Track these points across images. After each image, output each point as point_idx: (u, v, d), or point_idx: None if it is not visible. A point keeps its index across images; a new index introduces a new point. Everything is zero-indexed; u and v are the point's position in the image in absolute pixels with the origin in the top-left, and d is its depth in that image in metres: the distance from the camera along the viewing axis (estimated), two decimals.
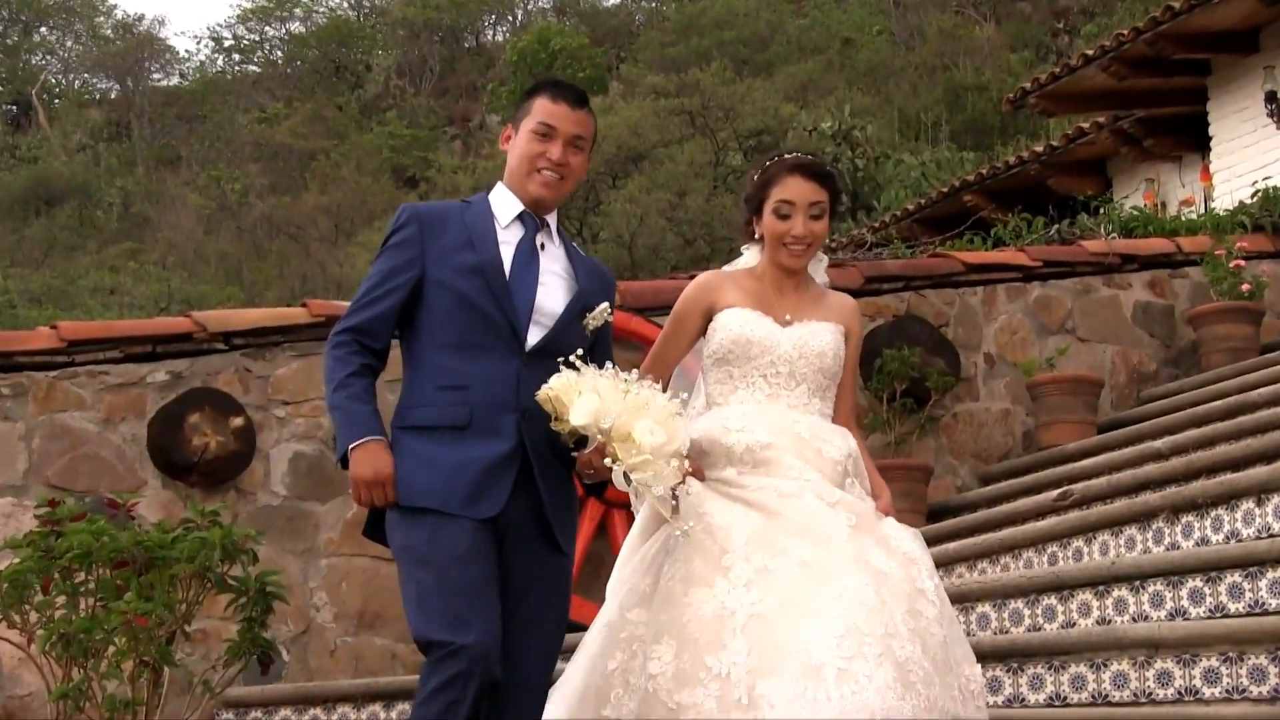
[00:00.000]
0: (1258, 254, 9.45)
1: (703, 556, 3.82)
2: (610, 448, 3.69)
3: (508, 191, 4.04)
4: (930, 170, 19.77)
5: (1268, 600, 5.20)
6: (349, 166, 25.32)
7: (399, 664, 7.34)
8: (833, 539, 3.79)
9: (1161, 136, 14.12)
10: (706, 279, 4.18)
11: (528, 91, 4.15)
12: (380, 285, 3.92)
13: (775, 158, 4.15)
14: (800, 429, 4.00)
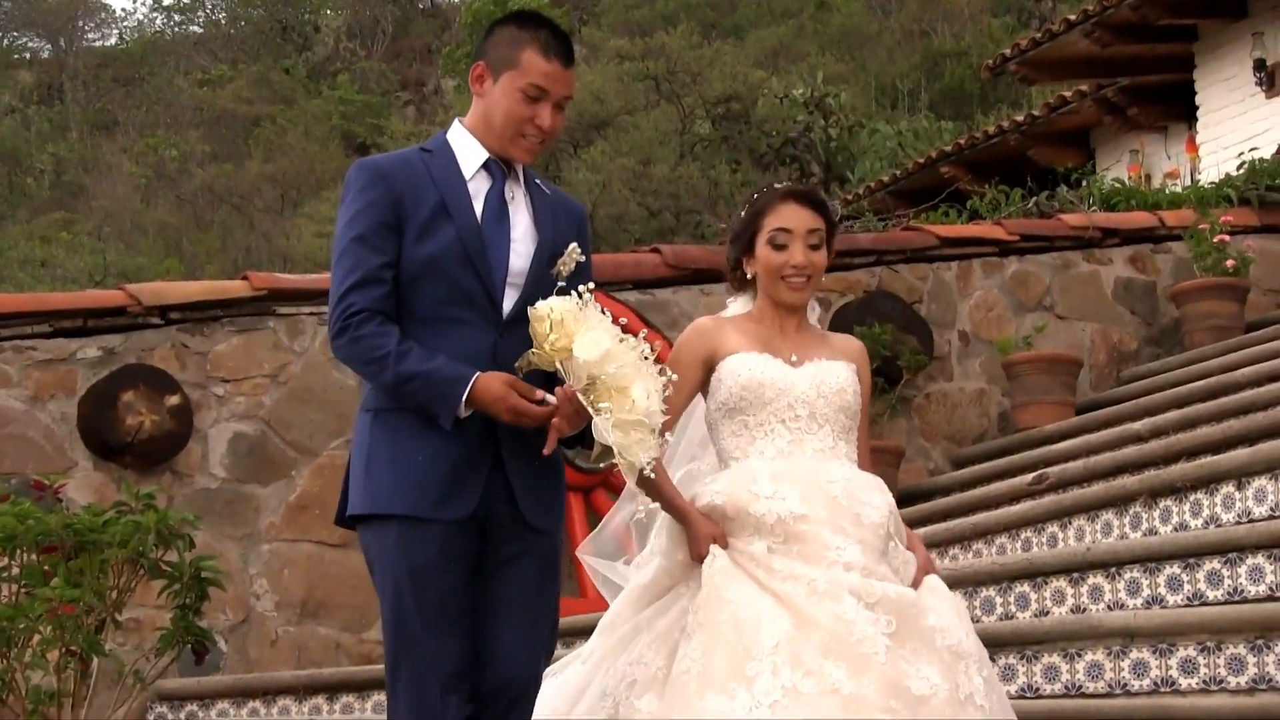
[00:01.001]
0: (1243, 229, 9.50)
1: (725, 653, 3.61)
2: (597, 395, 3.53)
3: (470, 137, 3.81)
4: (907, 140, 19.79)
5: (1247, 588, 5.26)
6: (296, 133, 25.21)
7: (343, 655, 7.35)
8: (869, 661, 3.57)
9: (1147, 106, 14.18)
10: (703, 326, 4.03)
11: (504, 23, 3.85)
12: (367, 257, 3.65)
13: (764, 189, 4.03)
14: (835, 490, 3.81)
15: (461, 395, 3.53)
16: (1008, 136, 15.16)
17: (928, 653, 3.63)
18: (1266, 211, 9.79)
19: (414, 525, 3.58)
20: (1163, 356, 9.28)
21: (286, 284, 7.71)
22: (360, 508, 3.65)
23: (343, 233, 3.72)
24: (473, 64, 3.83)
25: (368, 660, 7.30)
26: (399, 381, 3.58)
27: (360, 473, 3.67)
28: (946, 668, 3.63)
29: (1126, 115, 14.26)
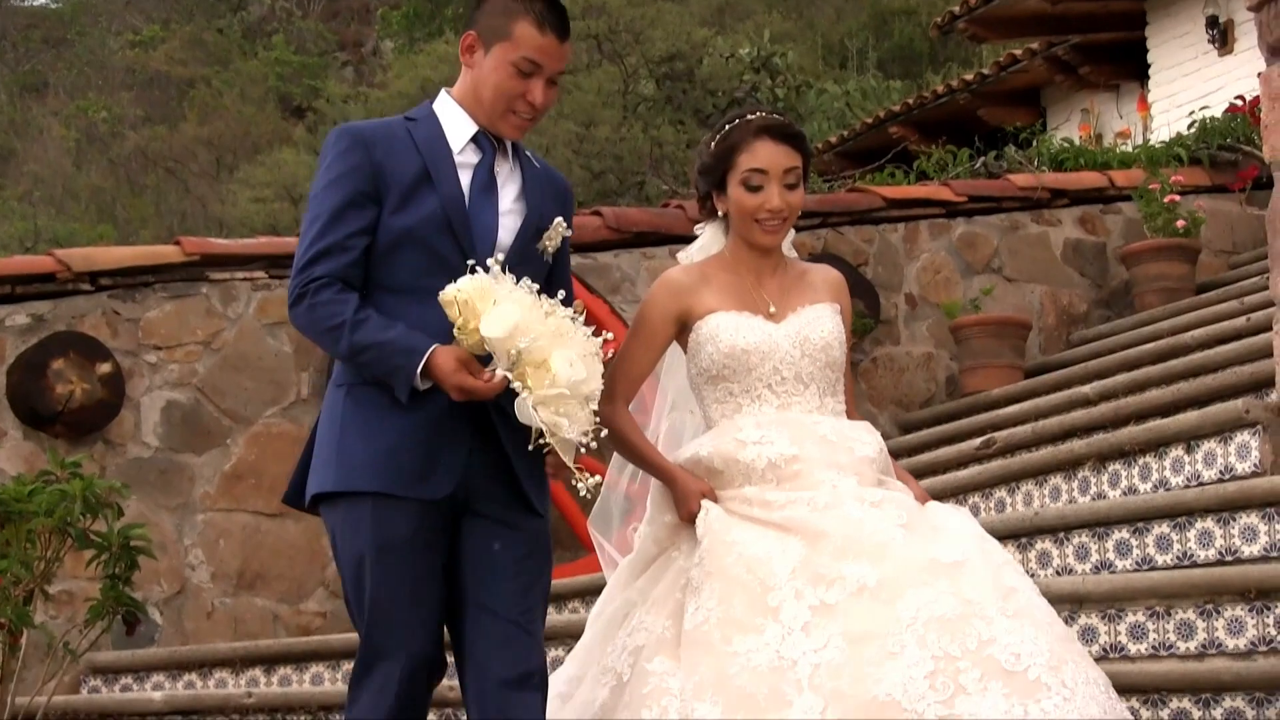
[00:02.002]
0: (1194, 188, 9.55)
1: (743, 595, 3.49)
2: (520, 372, 3.41)
3: (459, 110, 3.72)
4: (855, 100, 19.78)
5: (1196, 552, 5.30)
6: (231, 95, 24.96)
7: (281, 626, 7.34)
8: (888, 547, 3.48)
9: (1098, 64, 14.20)
10: (674, 280, 3.85)
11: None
12: (338, 222, 3.57)
13: (736, 120, 3.81)
14: (824, 430, 3.71)
15: (416, 367, 3.44)
16: (957, 96, 15.17)
17: (945, 535, 3.54)
18: (1218, 171, 9.85)
19: (387, 503, 3.50)
20: (1113, 319, 9.33)
21: (219, 249, 7.67)
22: (330, 485, 3.55)
23: (316, 198, 3.63)
24: (463, 32, 3.72)
25: (305, 632, 7.29)
26: (354, 351, 3.49)
27: (330, 449, 3.56)
28: (976, 545, 3.52)
29: (1078, 74, 14.28)
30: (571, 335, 3.47)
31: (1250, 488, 5.22)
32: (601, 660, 3.70)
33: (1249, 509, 5.18)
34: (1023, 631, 3.33)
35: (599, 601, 3.89)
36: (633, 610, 3.73)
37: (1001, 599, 3.39)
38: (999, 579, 3.44)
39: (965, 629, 3.32)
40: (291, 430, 7.53)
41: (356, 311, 3.50)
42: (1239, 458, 5.54)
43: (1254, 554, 5.16)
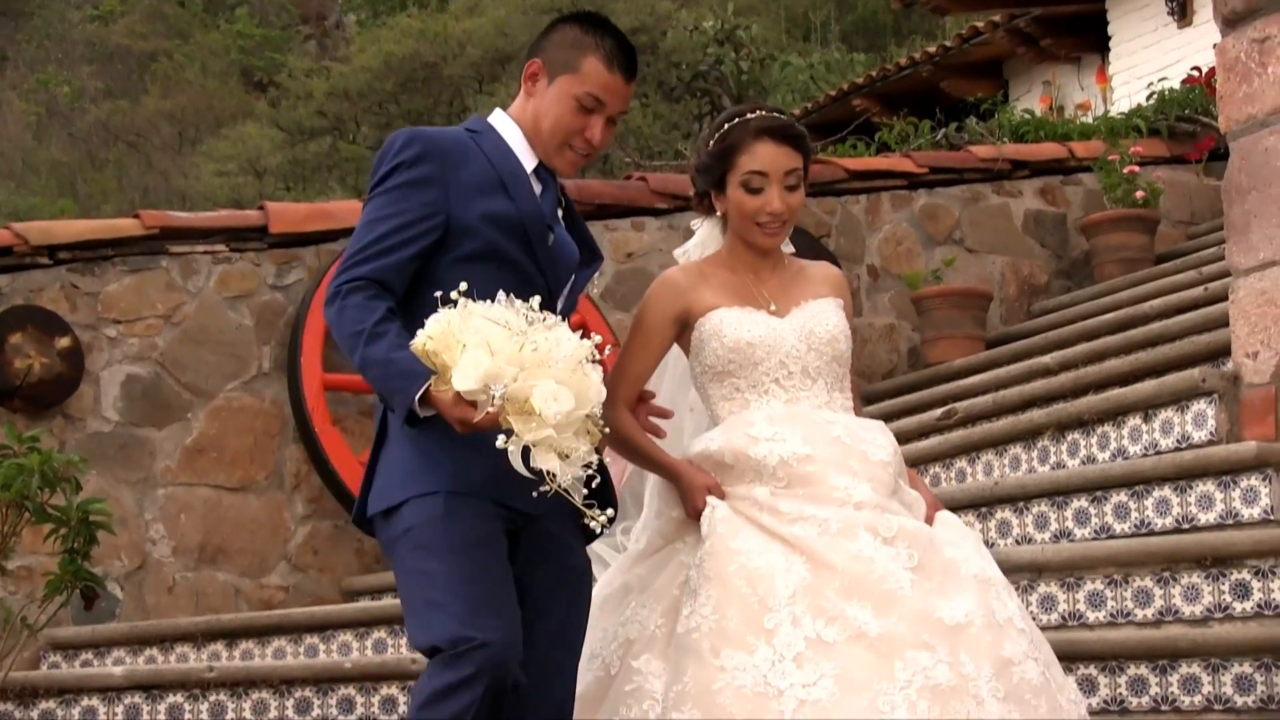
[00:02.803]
0: (1153, 159, 9.58)
1: (739, 608, 3.41)
2: (504, 418, 3.17)
3: (520, 134, 3.60)
4: (819, 73, 19.78)
5: (1154, 520, 5.33)
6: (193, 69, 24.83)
7: (243, 600, 7.33)
8: (895, 596, 3.39)
9: (1060, 36, 14.21)
10: (673, 280, 3.78)
11: (568, 22, 3.63)
12: (398, 232, 3.43)
13: (735, 119, 3.71)
14: (837, 430, 3.62)
15: (414, 393, 3.26)
16: (920, 68, 15.18)
17: (955, 583, 3.45)
18: (1176, 142, 9.88)
19: (456, 499, 3.36)
20: (1073, 289, 9.36)
21: (179, 222, 7.62)
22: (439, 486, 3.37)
23: (378, 201, 3.48)
24: (528, 59, 3.60)
25: (268, 606, 7.27)
26: (363, 364, 3.35)
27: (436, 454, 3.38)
28: (977, 594, 3.45)
29: (1039, 46, 14.29)
30: (552, 355, 3.20)
31: (1207, 456, 5.24)
32: (591, 644, 3.62)
33: (1205, 477, 5.21)
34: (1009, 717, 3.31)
35: (597, 586, 3.76)
36: (629, 595, 3.66)
37: (995, 675, 3.34)
38: (998, 648, 3.38)
39: (956, 704, 3.28)
40: (253, 404, 7.51)
41: (378, 323, 3.35)
42: (1196, 426, 5.56)
43: (1210, 521, 5.19)
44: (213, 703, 5.71)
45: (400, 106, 20.98)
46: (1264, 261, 5.14)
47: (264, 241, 7.66)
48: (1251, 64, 5.19)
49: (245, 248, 7.61)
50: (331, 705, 5.68)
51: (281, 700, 5.70)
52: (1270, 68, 5.12)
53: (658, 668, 3.48)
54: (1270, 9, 5.12)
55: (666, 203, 8.55)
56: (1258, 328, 5.15)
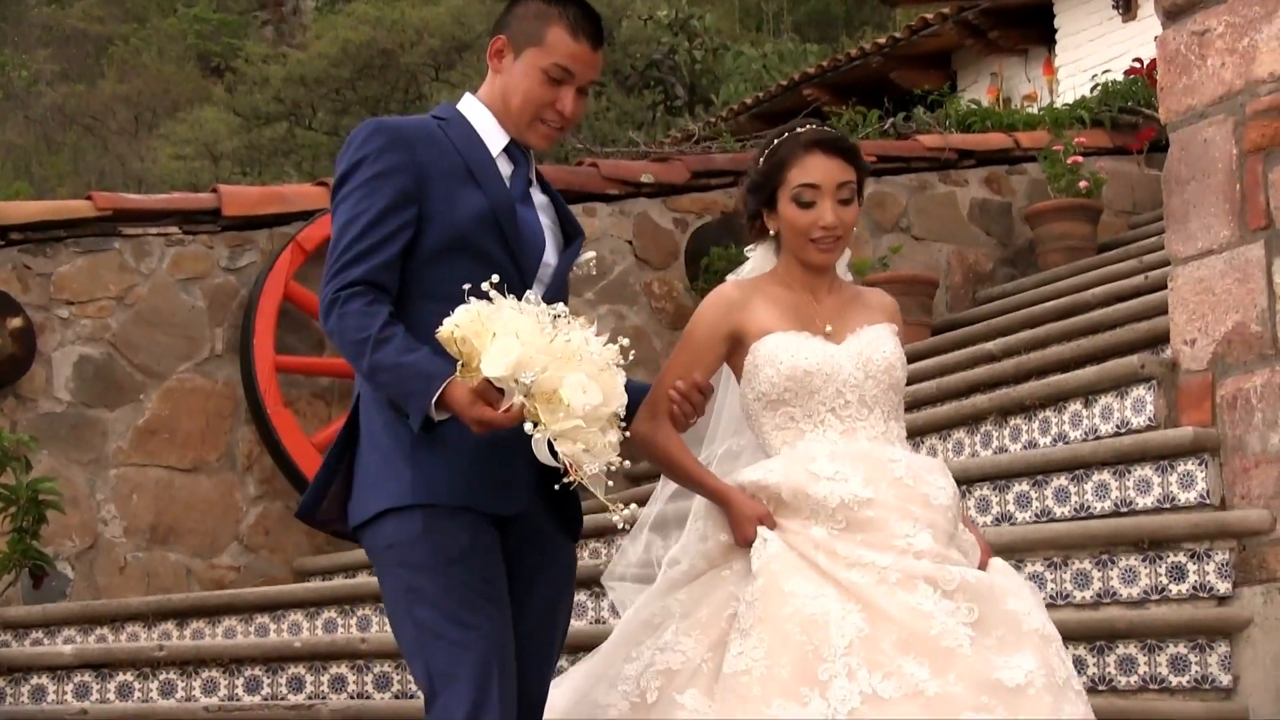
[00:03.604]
0: (1096, 150, 9.62)
1: (792, 655, 3.23)
2: (530, 408, 3.07)
3: (489, 115, 3.48)
4: (772, 63, 19.78)
5: (1093, 504, 5.35)
6: (150, 53, 24.65)
7: (194, 580, 7.29)
8: (953, 656, 3.22)
9: (1007, 29, 14.26)
10: (727, 294, 3.56)
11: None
12: (378, 225, 3.29)
13: (785, 135, 3.55)
14: (899, 471, 3.42)
15: (432, 395, 3.15)
16: (870, 59, 15.20)
17: (1015, 639, 3.28)
18: (1119, 133, 9.94)
19: (439, 512, 3.26)
20: (1017, 277, 9.40)
21: (132, 204, 7.58)
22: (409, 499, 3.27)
23: (351, 197, 3.34)
24: (492, 36, 3.48)
25: (219, 586, 7.24)
26: (372, 370, 3.22)
27: (401, 462, 3.28)
28: (1038, 653, 3.28)
29: (987, 38, 14.34)
30: (583, 351, 3.12)
31: (1145, 441, 5.27)
32: (620, 667, 3.47)
33: (1144, 462, 5.23)
34: None
35: (632, 610, 3.60)
36: (669, 620, 3.48)
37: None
38: (1058, 711, 3.22)
39: None
40: (205, 385, 7.47)
41: (383, 328, 3.23)
42: (1134, 412, 5.58)
43: (1148, 505, 5.21)
44: (162, 681, 5.67)
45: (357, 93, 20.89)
46: (1202, 250, 5.16)
47: (217, 224, 7.62)
48: (1191, 56, 5.21)
49: (198, 230, 7.57)
50: (281, 684, 5.65)
51: (231, 679, 5.67)
52: (1209, 60, 5.14)
53: (704, 704, 3.31)
54: (1210, 2, 5.14)
55: (617, 189, 8.54)
56: (1195, 315, 5.18)
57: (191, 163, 20.75)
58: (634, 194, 8.51)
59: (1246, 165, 5.02)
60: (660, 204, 8.66)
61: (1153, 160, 9.65)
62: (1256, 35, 4.98)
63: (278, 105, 20.79)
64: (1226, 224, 5.08)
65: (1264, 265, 4.95)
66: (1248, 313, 4.99)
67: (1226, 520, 4.92)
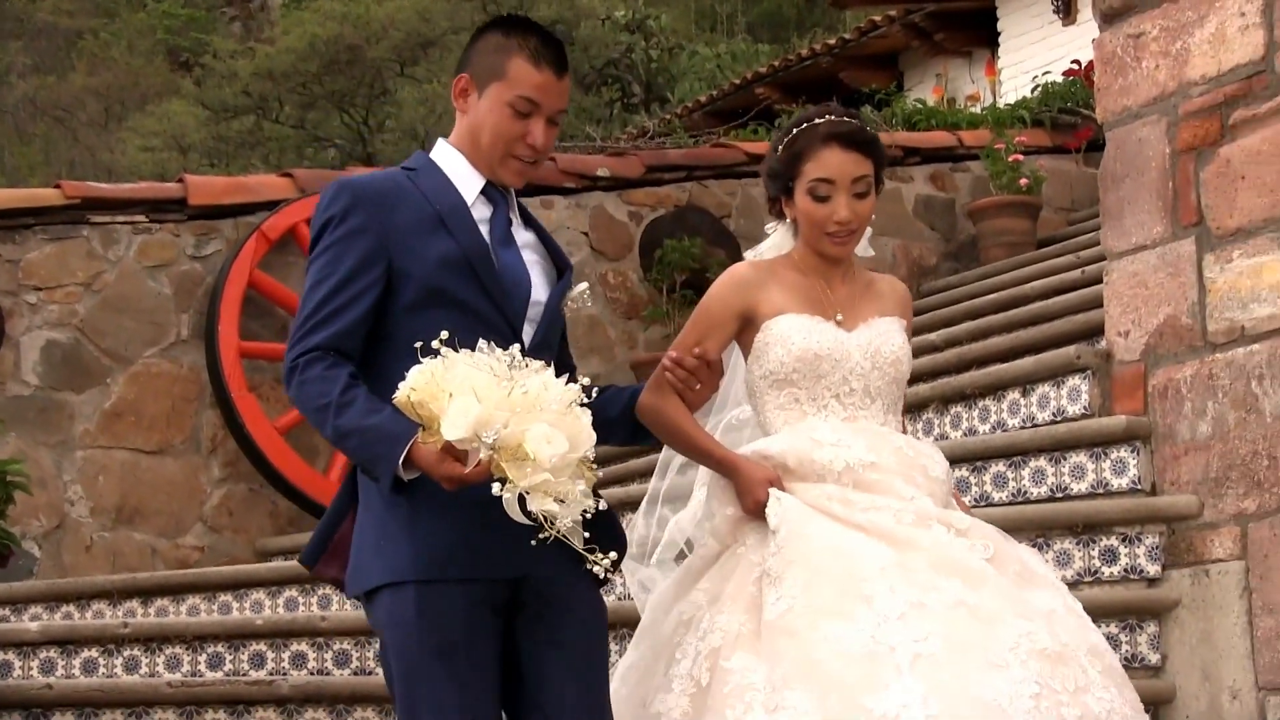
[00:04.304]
0: (1037, 149, 9.66)
1: (829, 581, 3.15)
2: (497, 466, 2.91)
3: (462, 159, 3.30)
4: (725, 62, 19.81)
5: (1030, 489, 5.38)
6: (119, 47, 24.49)
7: (159, 559, 7.26)
8: (984, 575, 3.19)
9: (953, 31, 14.31)
10: (742, 273, 3.49)
11: (489, 30, 3.34)
12: (341, 290, 3.14)
13: (804, 124, 3.43)
14: (899, 442, 3.41)
15: (397, 458, 2.98)
16: (820, 60, 15.22)
17: (1030, 578, 3.27)
18: (1058, 132, 9.98)
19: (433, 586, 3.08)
20: (960, 271, 9.43)
21: (99, 193, 7.54)
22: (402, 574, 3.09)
23: (317, 261, 3.19)
24: (455, 75, 3.32)
25: (183, 565, 7.21)
26: (338, 436, 3.06)
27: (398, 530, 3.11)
28: (1055, 591, 3.29)
29: (933, 40, 14.38)
30: (543, 397, 2.94)
31: (1080, 429, 5.30)
32: (668, 670, 3.33)
33: (1078, 448, 5.26)
34: (1109, 692, 3.14)
35: (646, 618, 3.49)
36: (700, 612, 3.35)
37: (1091, 654, 3.19)
38: (1087, 635, 3.24)
39: (1064, 670, 3.10)
40: (171, 370, 7.43)
41: (344, 392, 3.07)
42: (1070, 400, 5.61)
43: (1082, 490, 5.24)
44: (127, 657, 5.64)
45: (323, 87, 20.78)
46: (1136, 245, 5.19)
47: (183, 213, 7.58)
48: (1127, 58, 5.24)
49: (165, 219, 7.53)
50: (243, 660, 5.63)
51: (194, 655, 5.65)
52: (1144, 62, 5.17)
53: (752, 661, 3.17)
54: (1145, 6, 5.17)
55: (575, 182, 8.53)
56: (1129, 308, 5.21)
57: (159, 154, 20.61)
58: (590, 187, 8.50)
59: (1179, 164, 5.05)
60: (616, 197, 8.66)
61: (1090, 159, 9.70)
62: (1189, 39, 5.01)
63: (245, 99, 20.67)
64: (1160, 220, 5.11)
65: (1194, 260, 4.98)
66: (1179, 306, 5.02)
67: (1157, 505, 4.96)
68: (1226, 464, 4.79)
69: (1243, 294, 4.80)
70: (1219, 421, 4.83)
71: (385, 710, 5.06)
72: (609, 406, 3.43)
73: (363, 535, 3.18)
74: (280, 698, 5.04)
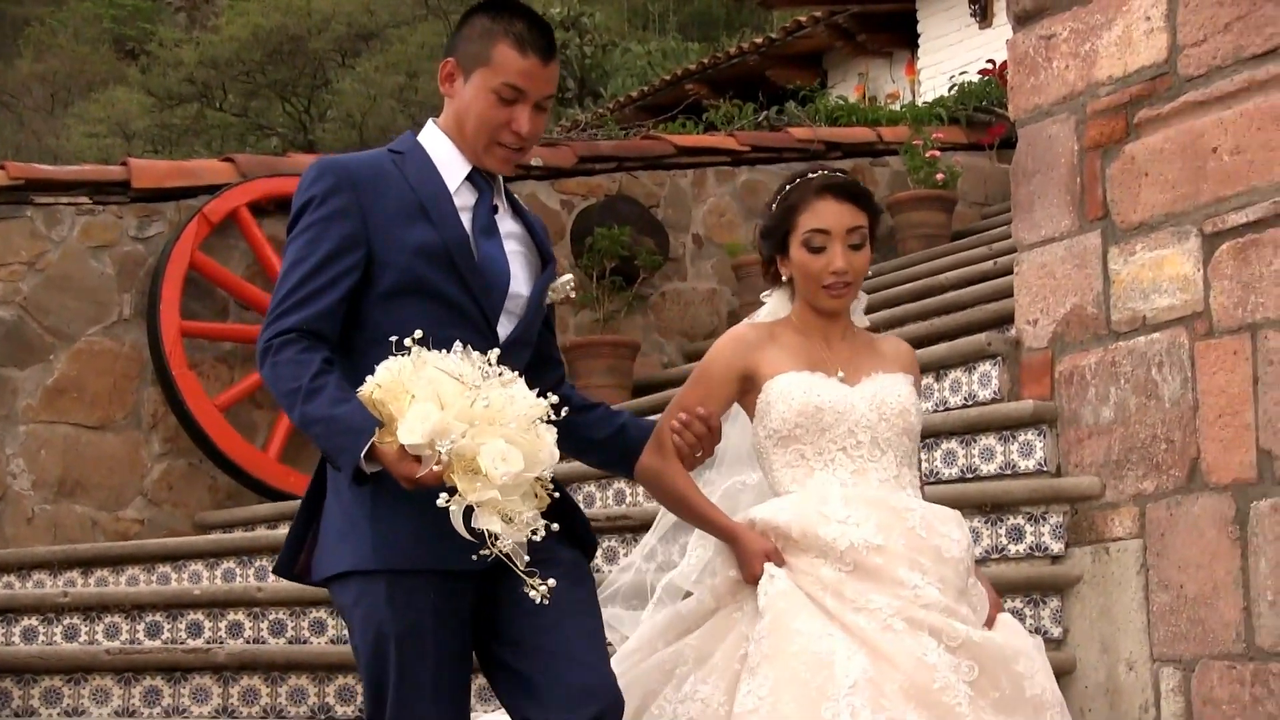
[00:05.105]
0: (953, 145, 9.71)
1: (796, 692, 3.04)
2: (448, 475, 2.78)
3: (449, 144, 3.16)
4: (656, 59, 19.80)
5: (942, 470, 5.43)
6: (66, 35, 24.23)
7: (99, 531, 7.19)
8: (951, 714, 3.04)
9: (875, 33, 14.38)
10: (742, 335, 3.40)
11: (475, 13, 3.19)
12: (320, 272, 3.01)
13: (797, 180, 3.37)
14: (913, 520, 3.22)
15: (359, 451, 2.85)
16: (747, 58, 15.27)
17: (1014, 703, 3.12)
18: (973, 130, 10.04)
19: (404, 577, 2.99)
20: (878, 261, 9.43)
21: (43, 174, 7.45)
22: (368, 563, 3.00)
23: (295, 241, 3.07)
24: (442, 60, 3.18)
25: (123, 537, 7.14)
26: (304, 422, 2.93)
27: (363, 518, 3.00)
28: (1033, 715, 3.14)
29: (856, 40, 14.46)
30: (506, 411, 2.81)
31: (990, 413, 5.33)
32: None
33: (988, 431, 5.30)
34: None
35: (624, 654, 3.37)
36: (681, 668, 3.27)
37: None
38: None
39: None
40: (113, 348, 7.35)
41: (314, 378, 2.93)
42: (981, 385, 5.65)
43: (991, 472, 5.28)
44: (66, 625, 5.59)
45: (266, 76, 20.66)
46: (1045, 238, 5.24)
47: (126, 196, 7.49)
48: (1039, 59, 5.28)
49: (108, 201, 7.45)
50: (180, 629, 5.59)
51: (133, 624, 5.60)
52: (1055, 62, 5.21)
53: None
54: (1056, 9, 5.21)
55: None
56: (1038, 297, 5.25)
57: (104, 140, 20.43)
58: (524, 176, 8.48)
59: (1086, 160, 5.09)
60: (548, 186, 8.65)
61: (1003, 155, 9.75)
62: (1098, 41, 5.05)
63: (189, 87, 20.52)
64: (1067, 214, 5.15)
65: (1100, 252, 5.02)
66: (1085, 296, 5.06)
67: (1061, 486, 5.00)
68: (1127, 447, 4.84)
69: (1144, 285, 4.85)
70: (1121, 407, 4.88)
71: (319, 678, 5.04)
72: (595, 428, 3.34)
73: (329, 522, 3.08)
74: (217, 665, 5.01)
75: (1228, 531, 4.49)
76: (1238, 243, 4.55)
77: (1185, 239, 4.72)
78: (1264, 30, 4.51)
